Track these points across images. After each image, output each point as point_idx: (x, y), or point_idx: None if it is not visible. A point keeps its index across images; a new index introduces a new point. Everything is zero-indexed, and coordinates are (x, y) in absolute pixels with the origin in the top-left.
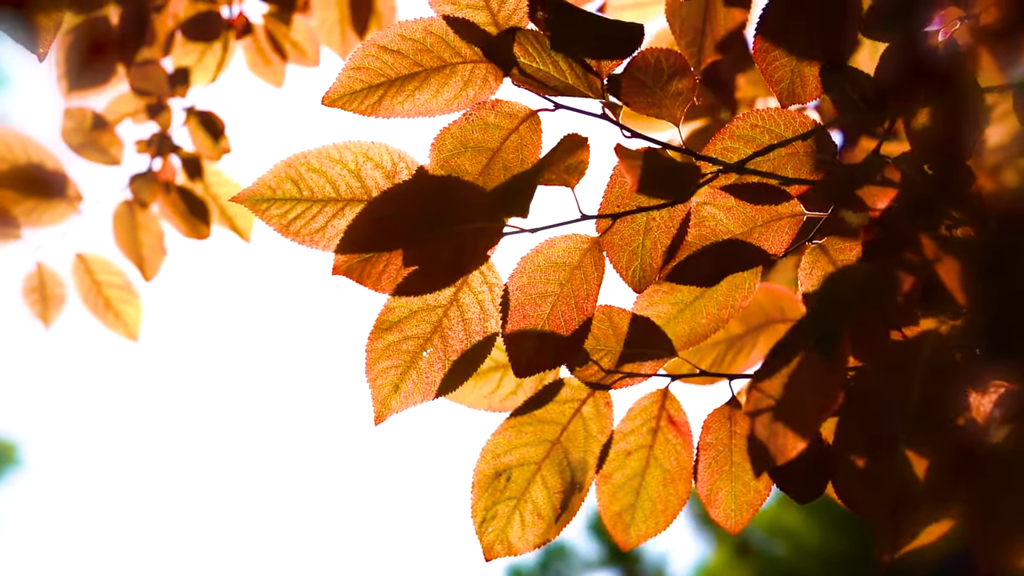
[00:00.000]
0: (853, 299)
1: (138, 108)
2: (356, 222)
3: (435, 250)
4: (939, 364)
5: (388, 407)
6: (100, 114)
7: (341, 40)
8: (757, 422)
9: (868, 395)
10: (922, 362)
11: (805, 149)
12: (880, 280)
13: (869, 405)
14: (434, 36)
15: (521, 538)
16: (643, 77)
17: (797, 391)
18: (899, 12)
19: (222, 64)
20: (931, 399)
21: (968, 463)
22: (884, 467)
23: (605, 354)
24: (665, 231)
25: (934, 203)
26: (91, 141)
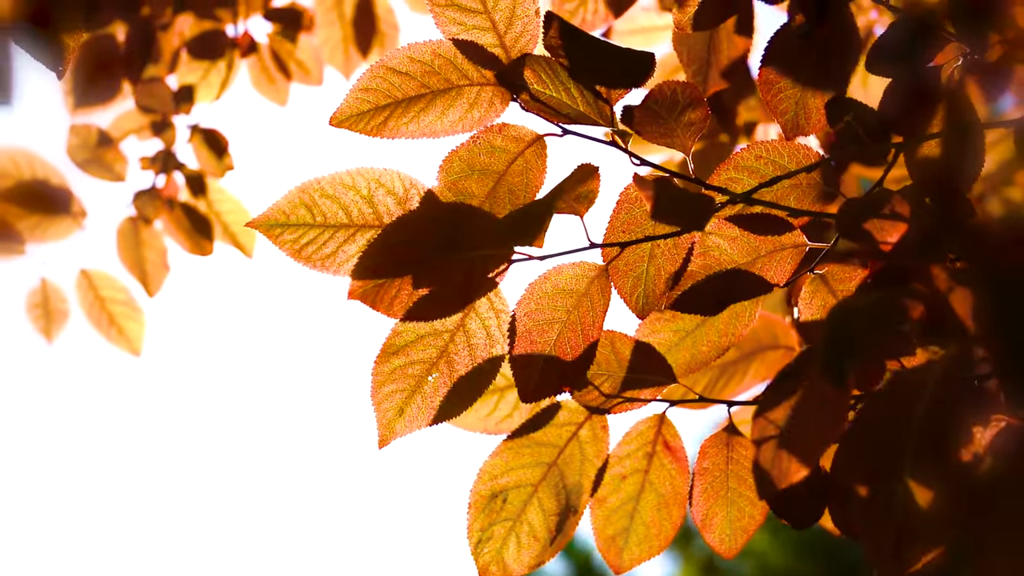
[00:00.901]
0: (863, 329)
1: (143, 125)
2: (371, 248)
3: (445, 276)
4: (943, 394)
5: (392, 431)
6: (105, 131)
7: (344, 59)
8: (762, 448)
9: (871, 423)
10: (927, 392)
11: (808, 181)
12: (889, 310)
13: (872, 434)
14: (442, 58)
15: (517, 559)
16: (658, 108)
17: (802, 419)
18: (903, 48)
19: (226, 82)
20: (935, 429)
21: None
22: (886, 496)
23: (606, 379)
24: (669, 259)
25: (937, 235)
26: (96, 157)
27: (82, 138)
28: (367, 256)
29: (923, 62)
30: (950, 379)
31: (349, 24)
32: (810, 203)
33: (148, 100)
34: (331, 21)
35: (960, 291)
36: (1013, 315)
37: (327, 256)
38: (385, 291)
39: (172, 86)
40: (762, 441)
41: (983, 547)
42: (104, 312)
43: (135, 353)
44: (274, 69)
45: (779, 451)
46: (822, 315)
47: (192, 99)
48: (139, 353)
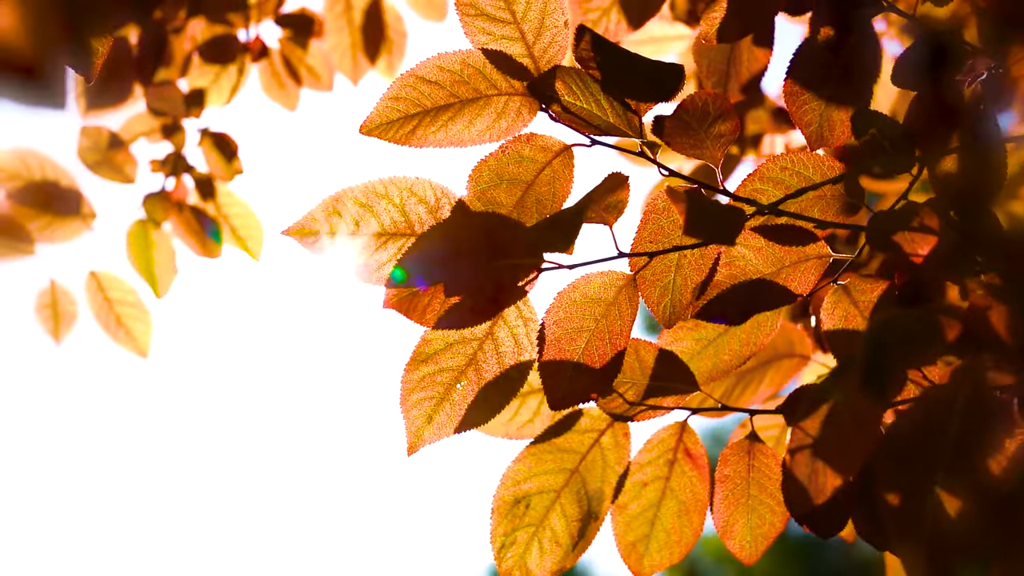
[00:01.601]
0: (903, 347)
1: (153, 128)
2: (405, 258)
3: (476, 285)
4: (977, 406)
5: (421, 438)
6: (116, 133)
7: (352, 65)
8: (796, 460)
9: (904, 435)
10: (958, 405)
11: (833, 192)
12: (928, 327)
13: (905, 445)
14: (471, 68)
15: (539, 565)
16: (689, 119)
17: (837, 431)
18: (928, 62)
19: (237, 86)
20: (968, 441)
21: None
22: (918, 507)
23: (630, 387)
24: (696, 269)
25: (964, 250)
26: (107, 160)
27: (93, 140)
28: (401, 265)
29: (948, 76)
30: (982, 391)
31: (358, 31)
32: (834, 215)
33: (159, 103)
34: (340, 27)
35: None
36: None
37: (360, 264)
38: (419, 300)
39: (183, 89)
40: (797, 451)
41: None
42: (112, 314)
43: (143, 355)
44: (285, 74)
45: (814, 463)
46: (844, 325)
47: (203, 103)
48: (147, 355)
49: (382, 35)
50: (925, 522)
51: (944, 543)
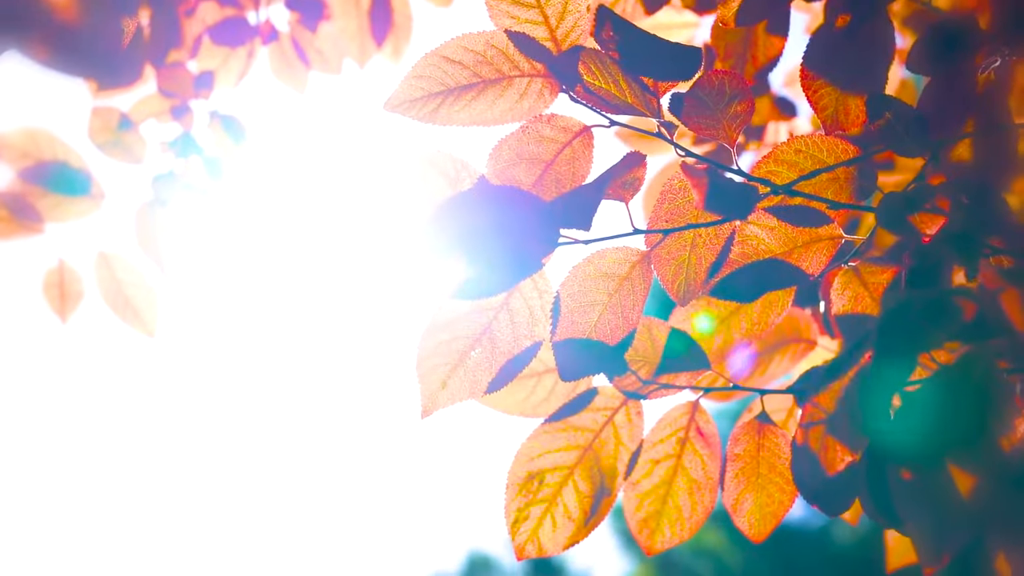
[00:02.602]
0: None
1: (163, 109)
2: (422, 228)
3: (493, 256)
4: (989, 385)
5: (436, 402)
6: (127, 114)
7: (360, 49)
8: (810, 434)
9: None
10: (971, 385)
11: (846, 175)
12: (945, 307)
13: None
14: (495, 49)
15: (552, 539)
16: (706, 97)
17: (850, 407)
18: (944, 48)
19: (247, 69)
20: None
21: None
22: (931, 484)
23: (643, 364)
24: (710, 247)
25: (974, 234)
26: (117, 140)
27: (104, 121)
28: (419, 236)
29: (962, 64)
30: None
31: (365, 14)
32: (847, 197)
33: (169, 84)
34: (347, 11)
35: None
36: None
37: None
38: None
39: (193, 71)
40: (810, 425)
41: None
42: (121, 294)
43: (150, 335)
44: (294, 56)
45: (827, 438)
46: (853, 307)
47: (212, 84)
48: (153, 334)
49: (389, 19)
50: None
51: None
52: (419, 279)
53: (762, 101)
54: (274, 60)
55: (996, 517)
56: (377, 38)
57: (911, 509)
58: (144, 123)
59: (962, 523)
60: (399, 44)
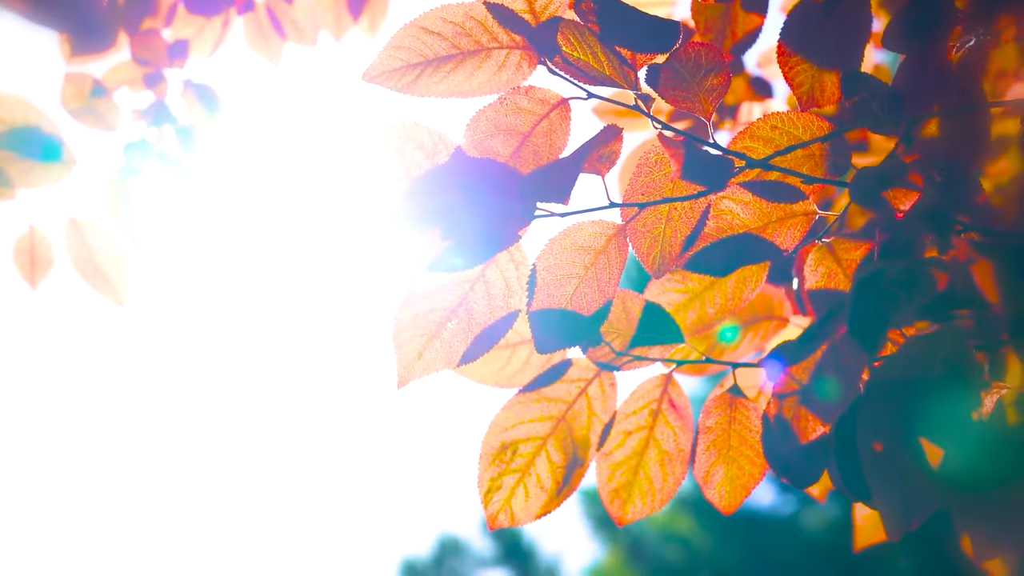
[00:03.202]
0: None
1: (137, 77)
2: (399, 200)
3: (470, 228)
4: (959, 358)
5: (411, 372)
6: (100, 80)
7: (335, 22)
8: (785, 403)
9: (890, 384)
10: (939, 357)
11: (821, 151)
12: (919, 279)
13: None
14: (473, 20)
15: (524, 509)
16: (683, 69)
17: (823, 378)
18: (919, 26)
19: (221, 38)
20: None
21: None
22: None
23: (617, 336)
24: (686, 221)
25: (946, 210)
26: (90, 107)
27: (76, 87)
28: (396, 207)
29: (937, 42)
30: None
31: None
32: (821, 173)
33: (144, 52)
34: None
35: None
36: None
37: None
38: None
39: (167, 40)
40: (785, 396)
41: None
42: (91, 261)
43: (119, 303)
44: (269, 27)
45: (800, 409)
46: (827, 283)
47: (187, 53)
48: (123, 302)
49: None
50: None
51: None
52: (396, 251)
53: (737, 80)
54: (249, 31)
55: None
56: (354, 12)
57: (879, 480)
58: (117, 90)
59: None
60: (376, 18)
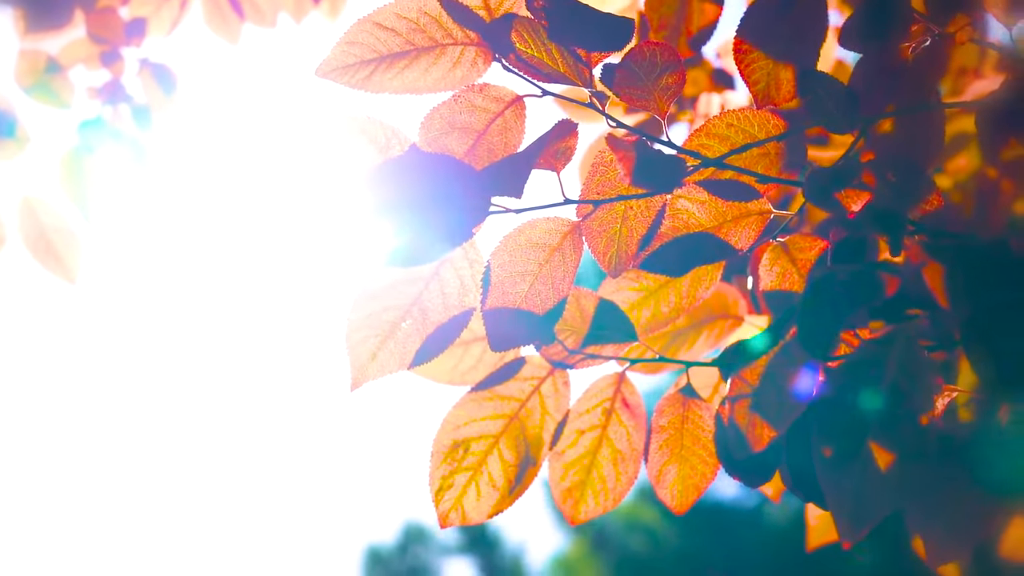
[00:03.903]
0: (845, 301)
1: (92, 55)
2: (351, 195)
3: (423, 225)
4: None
5: (365, 374)
6: (55, 57)
7: (295, 4)
8: (736, 409)
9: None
10: (892, 361)
11: (776, 150)
12: (869, 283)
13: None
14: (428, 16)
15: (476, 508)
16: (637, 69)
17: (773, 384)
18: (876, 25)
19: (179, 17)
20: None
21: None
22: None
23: (571, 334)
24: (642, 220)
25: (898, 210)
26: (44, 84)
27: (31, 63)
28: (349, 202)
29: (893, 40)
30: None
31: None
32: (777, 172)
33: (100, 30)
34: None
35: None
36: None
37: None
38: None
39: (124, 17)
40: (737, 400)
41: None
42: (43, 238)
43: (71, 281)
44: (228, 7)
45: (752, 416)
46: (781, 283)
47: (144, 32)
48: (74, 281)
49: None
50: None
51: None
52: (349, 248)
53: (698, 72)
54: (207, 10)
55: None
56: None
57: (831, 483)
58: (73, 68)
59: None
60: (336, 2)
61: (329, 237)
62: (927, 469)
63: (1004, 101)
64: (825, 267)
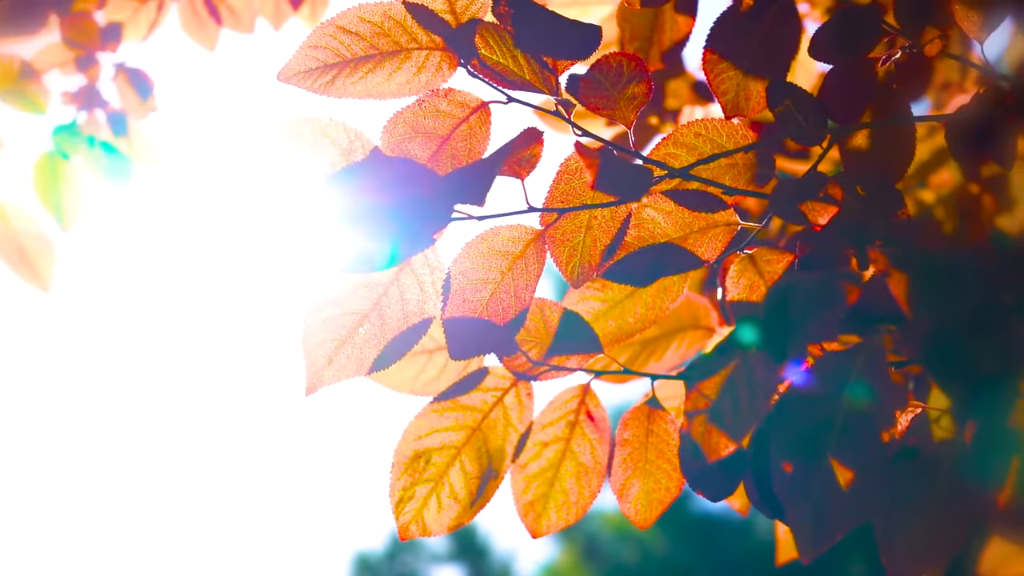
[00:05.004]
0: (805, 308)
1: (67, 60)
2: (311, 198)
3: (384, 230)
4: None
5: (321, 379)
6: (28, 62)
7: (275, 10)
8: (694, 422)
9: (799, 402)
10: (853, 374)
11: (745, 161)
12: (829, 291)
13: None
14: (392, 20)
15: (436, 520)
16: (603, 79)
17: (732, 395)
18: (846, 37)
19: (156, 22)
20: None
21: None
22: (809, 474)
23: (534, 345)
24: (606, 230)
25: (866, 223)
26: (17, 89)
27: (4, 68)
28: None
29: (864, 52)
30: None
31: None
32: (745, 183)
33: (74, 34)
34: None
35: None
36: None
37: None
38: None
39: (100, 22)
40: (694, 413)
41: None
42: (15, 246)
43: (44, 289)
44: (205, 13)
45: (709, 425)
46: (748, 295)
47: (120, 37)
48: (48, 289)
49: None
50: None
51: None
52: (308, 251)
53: (679, 83)
54: (184, 15)
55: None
56: (294, 0)
57: (790, 498)
58: (47, 73)
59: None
60: (316, 7)
61: (290, 240)
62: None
63: (972, 116)
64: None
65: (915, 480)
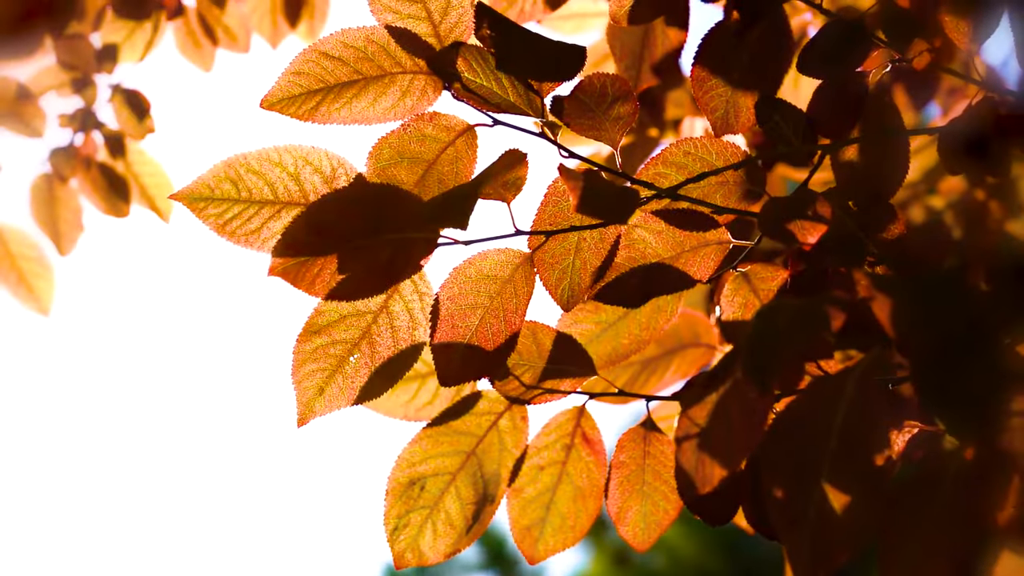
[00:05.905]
0: (787, 335)
1: (63, 82)
2: (293, 225)
3: (369, 257)
4: (862, 399)
5: (312, 410)
6: (24, 85)
7: (272, 28)
8: (683, 449)
9: (791, 426)
10: (846, 396)
11: (735, 179)
12: (813, 316)
13: (792, 436)
14: (375, 45)
15: (432, 547)
16: (587, 100)
17: (724, 420)
18: (834, 51)
19: (151, 44)
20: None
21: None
22: (804, 499)
23: (527, 369)
24: (595, 252)
25: (858, 240)
26: (13, 111)
27: (0, 91)
28: (289, 233)
29: (853, 66)
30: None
31: None
32: (735, 201)
33: (70, 56)
34: None
35: (881, 297)
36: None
37: (251, 232)
38: (307, 269)
39: (96, 44)
40: (684, 440)
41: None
42: (14, 269)
43: (44, 312)
44: (201, 34)
45: (701, 453)
46: (744, 314)
47: (115, 58)
48: (48, 312)
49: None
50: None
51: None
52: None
53: (682, 94)
54: (180, 36)
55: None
56: (291, 18)
57: (784, 525)
58: (43, 95)
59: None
60: (315, 25)
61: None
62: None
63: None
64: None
65: (915, 497)
